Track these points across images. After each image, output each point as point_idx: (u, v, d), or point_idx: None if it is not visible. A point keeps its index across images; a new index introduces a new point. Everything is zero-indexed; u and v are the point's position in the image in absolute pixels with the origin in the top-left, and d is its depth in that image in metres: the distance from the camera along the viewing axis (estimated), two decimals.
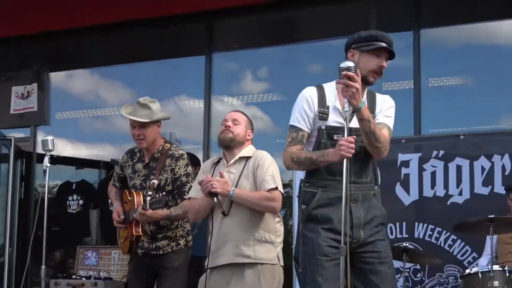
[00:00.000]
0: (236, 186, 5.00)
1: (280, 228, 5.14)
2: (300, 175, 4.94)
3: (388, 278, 4.31)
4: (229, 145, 5.12)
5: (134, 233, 5.74)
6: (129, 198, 5.88)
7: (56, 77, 10.54)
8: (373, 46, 4.40)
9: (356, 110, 4.17)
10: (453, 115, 8.64)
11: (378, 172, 4.51)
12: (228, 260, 4.96)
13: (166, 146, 5.96)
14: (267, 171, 5.03)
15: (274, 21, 9.69)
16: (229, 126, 5.10)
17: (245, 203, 4.95)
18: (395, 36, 8.81)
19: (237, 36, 9.86)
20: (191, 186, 5.69)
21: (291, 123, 4.55)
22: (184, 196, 5.69)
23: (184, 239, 5.89)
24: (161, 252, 5.79)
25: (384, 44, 4.41)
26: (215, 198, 4.93)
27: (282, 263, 5.08)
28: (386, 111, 4.48)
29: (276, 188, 4.99)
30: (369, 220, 4.35)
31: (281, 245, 5.10)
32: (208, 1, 9.37)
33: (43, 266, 6.36)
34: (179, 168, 5.81)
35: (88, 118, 10.90)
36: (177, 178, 5.79)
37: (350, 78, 4.11)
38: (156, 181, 5.76)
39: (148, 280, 5.90)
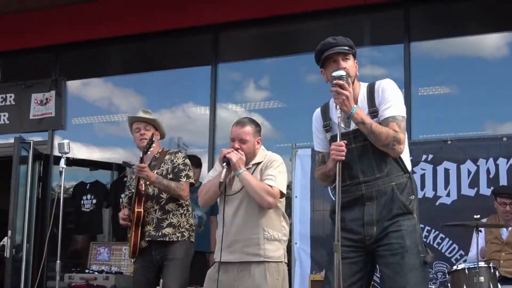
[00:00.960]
0: None
1: (286, 227, 5.09)
2: None
3: (401, 269, 4.09)
4: None
5: (136, 210, 5.72)
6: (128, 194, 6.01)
7: (73, 85, 10.54)
8: (323, 60, 4.34)
9: (348, 116, 4.13)
10: (441, 122, 8.63)
11: (404, 160, 4.27)
12: (239, 258, 4.91)
13: (165, 150, 6.10)
14: (273, 171, 4.96)
15: (275, 34, 9.70)
16: (238, 148, 4.94)
17: (247, 186, 4.86)
18: (387, 48, 9.04)
19: (240, 48, 9.87)
20: (187, 174, 5.78)
21: (314, 147, 4.60)
22: (180, 179, 5.76)
23: (188, 232, 5.85)
24: (166, 239, 5.73)
25: (327, 53, 4.30)
26: (225, 166, 4.85)
27: (286, 260, 5.05)
28: (384, 103, 4.28)
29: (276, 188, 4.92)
30: (384, 216, 4.20)
31: (286, 243, 5.06)
32: (214, 15, 9.41)
33: (58, 261, 6.37)
34: (177, 159, 5.90)
35: (102, 123, 10.89)
36: (175, 166, 5.85)
37: (341, 86, 4.10)
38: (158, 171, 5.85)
39: (150, 273, 5.87)
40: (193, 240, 5.98)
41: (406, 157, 4.32)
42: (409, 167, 4.31)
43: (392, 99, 4.28)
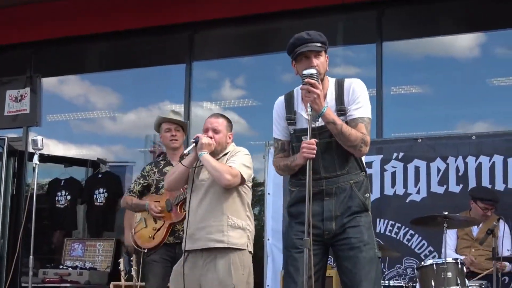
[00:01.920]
0: None
1: (251, 218, 5.10)
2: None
3: (359, 263, 4.18)
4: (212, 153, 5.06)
5: (180, 213, 5.72)
6: (163, 192, 5.94)
7: (48, 82, 10.51)
8: (295, 55, 4.32)
9: (319, 115, 4.15)
10: (412, 121, 8.70)
11: (362, 159, 4.35)
12: (203, 245, 4.92)
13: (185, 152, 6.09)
14: (236, 158, 5.01)
15: (250, 33, 9.72)
16: (211, 137, 5.01)
17: (207, 165, 4.90)
18: (360, 48, 9.07)
19: (216, 47, 9.87)
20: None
21: (273, 135, 4.57)
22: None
23: None
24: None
25: (300, 50, 4.29)
26: (193, 143, 4.92)
27: (251, 250, 5.04)
28: (354, 103, 4.30)
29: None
30: (342, 212, 4.25)
31: (252, 234, 5.06)
32: (190, 14, 9.40)
33: (31, 257, 6.33)
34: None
35: (78, 120, 10.85)
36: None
37: (311, 85, 4.10)
38: None
39: (168, 269, 5.71)
40: None
41: (363, 156, 4.39)
42: (364, 165, 4.38)
43: (362, 101, 4.30)
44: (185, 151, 5.02)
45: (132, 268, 6.80)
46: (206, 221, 4.93)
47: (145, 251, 6.04)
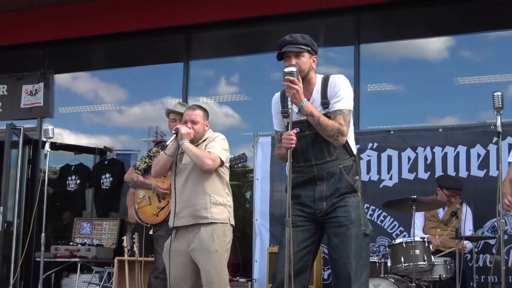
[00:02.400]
0: None
1: (230, 194, 5.10)
2: None
3: (346, 239, 4.20)
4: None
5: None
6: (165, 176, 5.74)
7: (59, 78, 10.43)
8: (279, 55, 4.37)
9: (299, 108, 4.16)
10: (386, 115, 8.68)
11: (350, 145, 4.34)
12: (189, 221, 4.93)
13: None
14: (214, 143, 5.01)
15: (242, 35, 9.68)
16: (189, 127, 5.01)
17: (189, 153, 4.90)
18: (340, 49, 9.05)
19: (210, 47, 9.86)
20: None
21: (273, 127, 4.61)
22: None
23: None
24: None
25: (282, 50, 4.33)
26: (174, 135, 4.91)
27: (232, 223, 5.03)
28: (335, 97, 4.30)
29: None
30: (331, 193, 4.27)
31: (231, 209, 5.05)
32: (187, 17, 9.36)
33: (43, 234, 6.35)
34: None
35: (87, 112, 10.81)
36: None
37: (291, 81, 4.12)
38: None
39: None
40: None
41: (352, 142, 4.37)
42: (354, 151, 4.37)
43: (341, 94, 4.30)
44: (167, 142, 4.97)
45: (134, 245, 6.84)
46: (191, 200, 4.94)
47: (148, 225, 6.07)
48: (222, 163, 4.99)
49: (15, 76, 10.40)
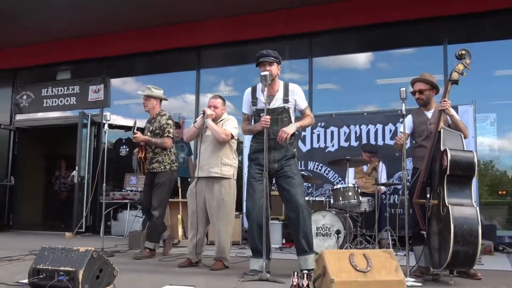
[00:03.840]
0: None
1: (236, 159, 5.07)
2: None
3: (293, 183, 4.30)
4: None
5: (139, 156, 5.67)
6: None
7: (114, 82, 10.32)
8: (257, 63, 4.41)
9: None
10: (330, 104, 8.60)
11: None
12: (207, 174, 4.92)
13: (160, 111, 5.87)
14: (227, 123, 5.00)
15: (236, 52, 9.60)
16: (212, 110, 4.99)
17: (210, 127, 4.88)
18: (299, 61, 9.00)
19: (214, 60, 9.77)
20: (169, 130, 5.65)
21: (242, 110, 4.63)
22: (164, 135, 5.63)
23: (169, 165, 5.71)
24: (154, 171, 5.66)
25: (259, 60, 4.41)
26: (202, 114, 4.92)
27: (235, 178, 5.03)
28: (300, 100, 4.45)
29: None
30: (281, 158, 4.35)
31: (236, 169, 5.03)
32: (198, 40, 9.31)
33: (104, 184, 6.34)
34: (163, 120, 5.71)
35: (132, 104, 10.70)
36: (161, 125, 5.69)
37: (265, 80, 4.23)
38: (152, 127, 5.72)
39: (150, 189, 5.73)
40: (174, 169, 5.79)
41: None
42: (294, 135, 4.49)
43: (302, 97, 4.49)
44: (197, 119, 4.97)
45: None
46: (209, 160, 4.93)
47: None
48: (232, 137, 4.99)
49: (84, 80, 10.30)
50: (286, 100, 4.42)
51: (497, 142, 7.84)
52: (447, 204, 3.91)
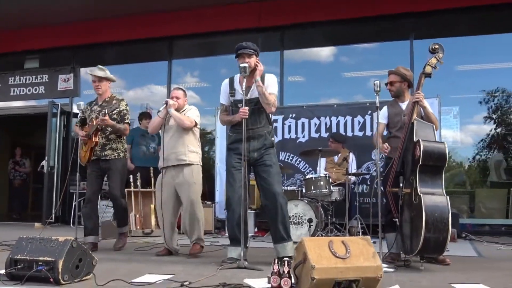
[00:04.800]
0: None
1: (199, 146, 5.04)
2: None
3: (271, 172, 4.32)
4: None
5: (93, 140, 5.20)
6: (89, 123, 5.33)
7: (84, 71, 10.09)
8: (236, 55, 4.41)
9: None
10: (300, 96, 8.65)
11: (271, 117, 4.49)
12: (174, 162, 4.90)
13: (113, 95, 5.51)
14: (192, 112, 5.01)
15: (206, 43, 9.53)
16: (175, 101, 4.95)
17: (174, 116, 4.87)
18: (270, 53, 9.01)
19: (185, 51, 9.67)
20: (128, 117, 5.37)
21: (220, 101, 4.59)
22: (125, 121, 5.34)
23: (123, 153, 5.37)
24: (107, 158, 5.27)
25: (239, 52, 4.39)
26: (165, 105, 4.88)
27: (201, 164, 5.01)
28: (271, 86, 4.41)
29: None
30: (260, 147, 4.36)
31: (200, 155, 5.02)
32: (170, 30, 9.20)
33: (78, 174, 6.19)
34: (122, 106, 5.35)
35: None
36: (121, 111, 5.32)
37: (244, 72, 4.23)
38: (107, 111, 5.26)
39: (98, 178, 5.36)
40: (127, 157, 5.57)
41: (271, 115, 4.51)
42: (272, 121, 4.54)
43: (272, 85, 4.43)
44: (160, 109, 4.93)
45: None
46: (175, 148, 4.91)
47: (83, 164, 5.53)
48: (196, 124, 4.98)
49: (54, 69, 10.04)
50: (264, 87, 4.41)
51: (459, 134, 8.07)
52: (419, 193, 3.99)
